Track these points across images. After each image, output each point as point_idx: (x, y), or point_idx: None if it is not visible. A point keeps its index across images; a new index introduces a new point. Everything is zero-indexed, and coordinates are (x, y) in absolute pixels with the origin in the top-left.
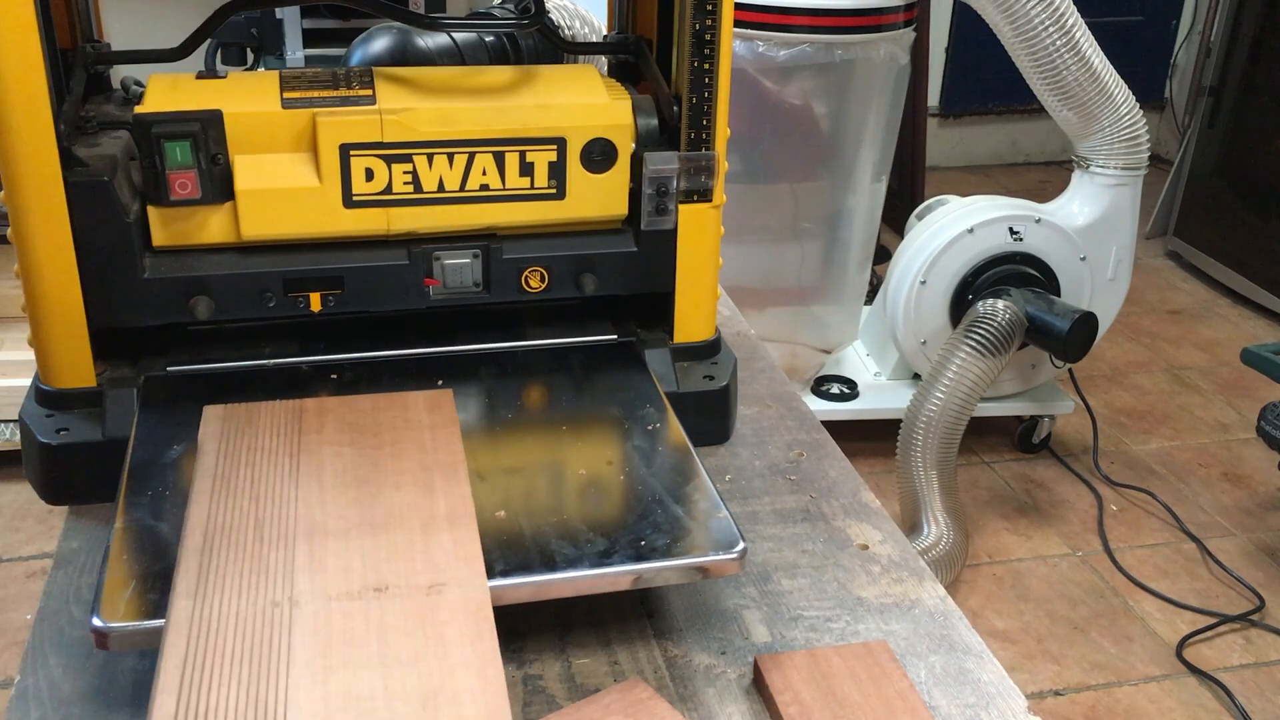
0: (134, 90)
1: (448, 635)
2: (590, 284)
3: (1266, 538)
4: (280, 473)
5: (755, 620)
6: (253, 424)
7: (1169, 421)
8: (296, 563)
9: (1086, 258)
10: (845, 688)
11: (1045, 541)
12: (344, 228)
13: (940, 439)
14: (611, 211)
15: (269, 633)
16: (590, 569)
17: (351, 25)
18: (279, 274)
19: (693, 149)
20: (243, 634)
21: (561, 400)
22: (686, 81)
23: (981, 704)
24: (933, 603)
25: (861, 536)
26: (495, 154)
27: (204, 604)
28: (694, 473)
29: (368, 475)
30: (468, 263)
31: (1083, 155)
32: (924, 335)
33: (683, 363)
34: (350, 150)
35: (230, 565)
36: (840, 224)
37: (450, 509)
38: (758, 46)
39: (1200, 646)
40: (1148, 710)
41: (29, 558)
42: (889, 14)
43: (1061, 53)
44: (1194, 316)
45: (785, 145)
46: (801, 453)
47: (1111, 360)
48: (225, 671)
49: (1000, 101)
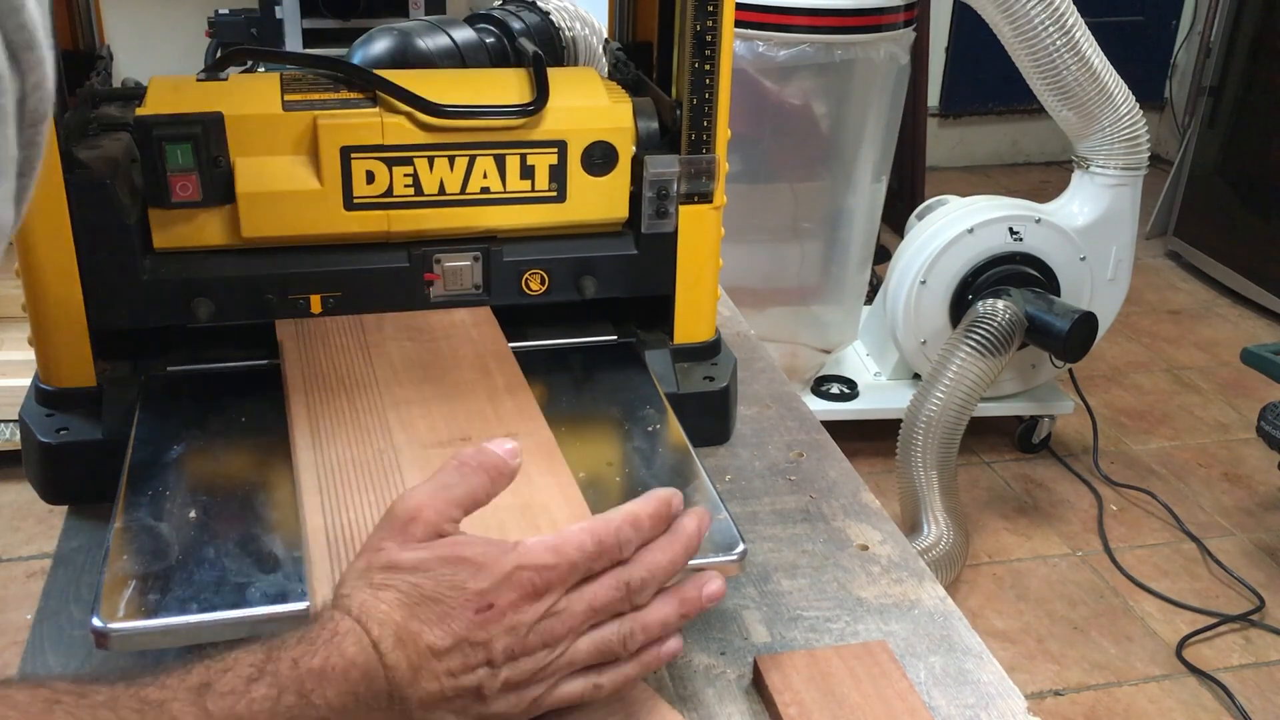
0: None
1: (529, 468)
2: (590, 286)
3: (1266, 538)
4: (356, 360)
5: (755, 620)
6: (321, 329)
7: (1169, 421)
8: (390, 424)
9: (1086, 258)
10: (845, 688)
11: (1045, 541)
12: (344, 230)
13: (940, 439)
14: (612, 214)
15: (384, 469)
16: None
17: (351, 25)
18: (279, 276)
19: (693, 152)
20: (361, 471)
21: (561, 401)
22: (687, 83)
23: (981, 704)
24: (932, 603)
25: (861, 537)
26: (496, 157)
27: (322, 452)
28: (694, 473)
29: (431, 361)
30: (468, 265)
31: (1083, 155)
32: (924, 335)
33: (683, 363)
34: (351, 153)
35: (336, 426)
36: (840, 224)
37: (507, 383)
38: (758, 46)
39: (1200, 646)
40: (1148, 710)
41: (29, 558)
42: (889, 14)
43: (1061, 53)
44: (1194, 316)
45: (785, 145)
46: (801, 453)
47: (1111, 360)
48: (355, 497)
49: (1000, 101)
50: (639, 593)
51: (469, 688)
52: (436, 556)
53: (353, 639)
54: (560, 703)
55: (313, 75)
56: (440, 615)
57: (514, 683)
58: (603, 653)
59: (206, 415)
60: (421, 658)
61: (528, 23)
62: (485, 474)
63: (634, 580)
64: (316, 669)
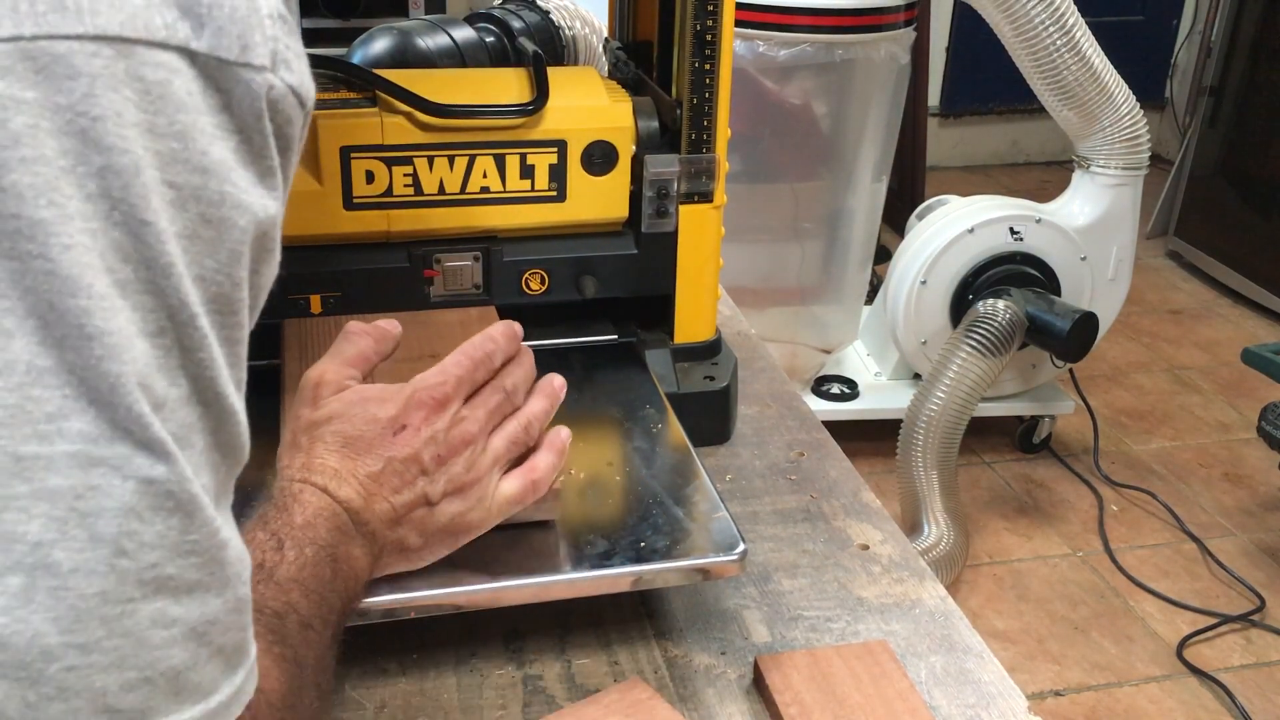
0: None
1: None
2: (591, 286)
3: (1267, 538)
4: None
5: (755, 620)
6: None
7: (1169, 421)
8: None
9: (1087, 258)
10: (845, 688)
11: (1046, 542)
12: (344, 230)
13: (941, 439)
14: (612, 214)
15: None
16: (590, 570)
17: (351, 25)
18: (279, 276)
19: (693, 151)
20: None
21: (562, 400)
22: (687, 83)
23: (982, 704)
24: (933, 603)
25: (862, 536)
26: (496, 157)
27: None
28: (694, 473)
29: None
30: (468, 265)
31: (1083, 155)
32: (924, 335)
33: (683, 363)
34: (351, 152)
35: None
36: (840, 224)
37: (479, 314)
38: (758, 46)
39: (1201, 647)
40: (1148, 710)
41: None
42: (889, 14)
43: (1062, 52)
44: (1194, 316)
45: (785, 145)
46: (802, 452)
47: (1112, 360)
48: None
49: (1000, 101)
50: (515, 394)
51: (415, 499)
52: (345, 403)
53: (309, 493)
54: (509, 502)
55: (312, 75)
56: (366, 446)
57: (455, 485)
58: (515, 443)
59: None
60: (365, 485)
61: (528, 22)
62: (369, 337)
63: (508, 385)
64: (300, 524)
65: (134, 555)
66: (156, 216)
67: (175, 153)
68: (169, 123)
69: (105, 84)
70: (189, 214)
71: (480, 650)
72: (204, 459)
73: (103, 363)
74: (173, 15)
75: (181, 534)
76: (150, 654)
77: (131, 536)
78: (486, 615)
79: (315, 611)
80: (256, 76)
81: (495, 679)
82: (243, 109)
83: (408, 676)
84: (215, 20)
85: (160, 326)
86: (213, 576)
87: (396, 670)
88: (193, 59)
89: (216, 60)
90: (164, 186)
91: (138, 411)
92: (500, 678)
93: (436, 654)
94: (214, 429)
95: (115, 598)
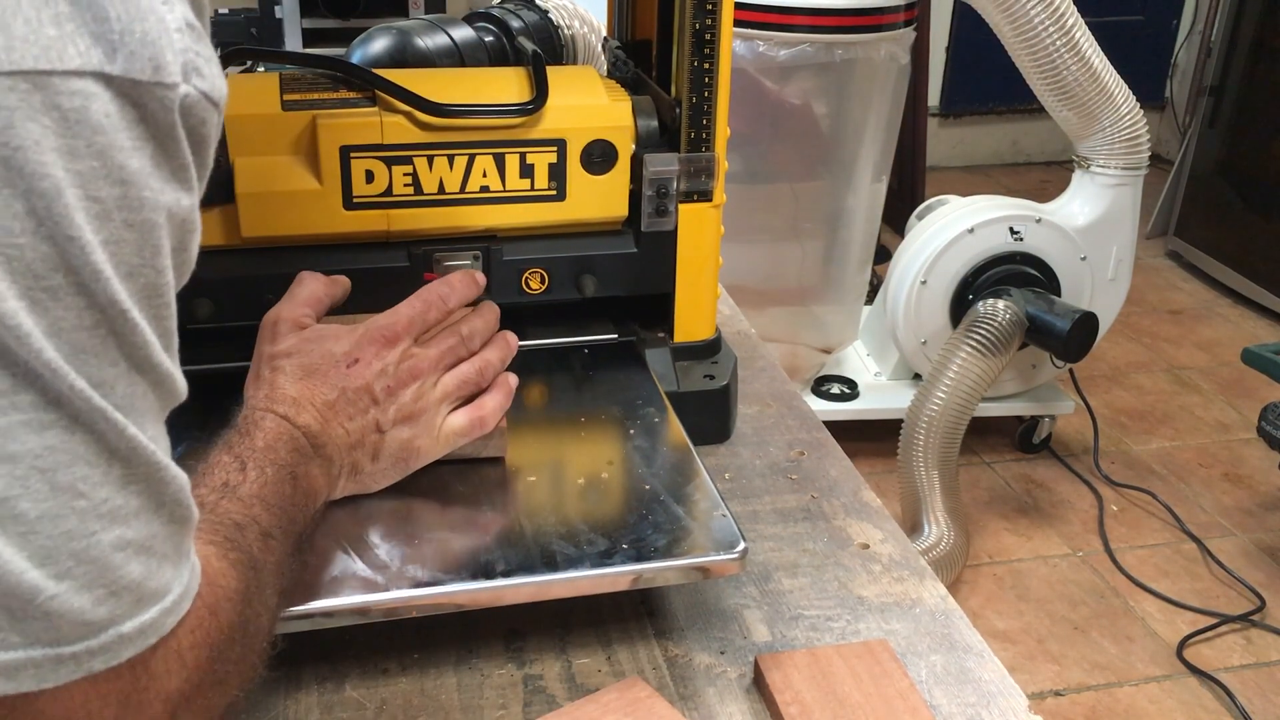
0: None
1: None
2: (590, 285)
3: (1267, 538)
4: None
5: (756, 619)
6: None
7: (1169, 421)
8: None
9: (1087, 258)
10: (846, 687)
11: (1046, 542)
12: (344, 230)
13: (941, 439)
14: (611, 213)
15: None
16: (591, 569)
17: (351, 25)
18: (279, 276)
19: (693, 150)
20: None
21: (561, 400)
22: (686, 82)
23: (982, 703)
24: (933, 602)
25: (862, 535)
26: (495, 156)
27: None
28: (694, 472)
29: None
30: (468, 264)
31: (1083, 155)
32: (924, 335)
33: (683, 362)
34: (350, 152)
35: None
36: (840, 224)
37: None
38: (758, 46)
39: (1201, 647)
40: (1148, 710)
41: None
42: (889, 14)
43: (1061, 53)
44: (1194, 316)
45: (785, 145)
46: (802, 452)
47: (1112, 360)
48: None
49: (1000, 101)
50: (471, 339)
51: (367, 425)
52: (303, 339)
53: (270, 420)
54: (456, 434)
55: (312, 75)
56: (322, 377)
57: (403, 414)
58: (465, 383)
59: (207, 415)
60: (321, 412)
61: (527, 21)
62: (320, 281)
63: (465, 331)
64: (261, 447)
65: (89, 495)
66: (81, 231)
67: (95, 170)
68: (87, 145)
69: (23, 115)
70: (113, 223)
71: (480, 650)
72: (147, 413)
73: (43, 353)
74: (85, 44)
75: (126, 470)
76: (114, 573)
77: (85, 480)
78: (486, 615)
79: (276, 523)
80: (169, 92)
81: (495, 679)
82: (157, 120)
83: (408, 676)
84: (127, 45)
85: (95, 321)
86: (155, 499)
87: (396, 670)
88: (109, 81)
89: (131, 81)
90: (87, 201)
91: (79, 388)
92: (500, 677)
93: (436, 654)
94: (152, 388)
95: (80, 533)
